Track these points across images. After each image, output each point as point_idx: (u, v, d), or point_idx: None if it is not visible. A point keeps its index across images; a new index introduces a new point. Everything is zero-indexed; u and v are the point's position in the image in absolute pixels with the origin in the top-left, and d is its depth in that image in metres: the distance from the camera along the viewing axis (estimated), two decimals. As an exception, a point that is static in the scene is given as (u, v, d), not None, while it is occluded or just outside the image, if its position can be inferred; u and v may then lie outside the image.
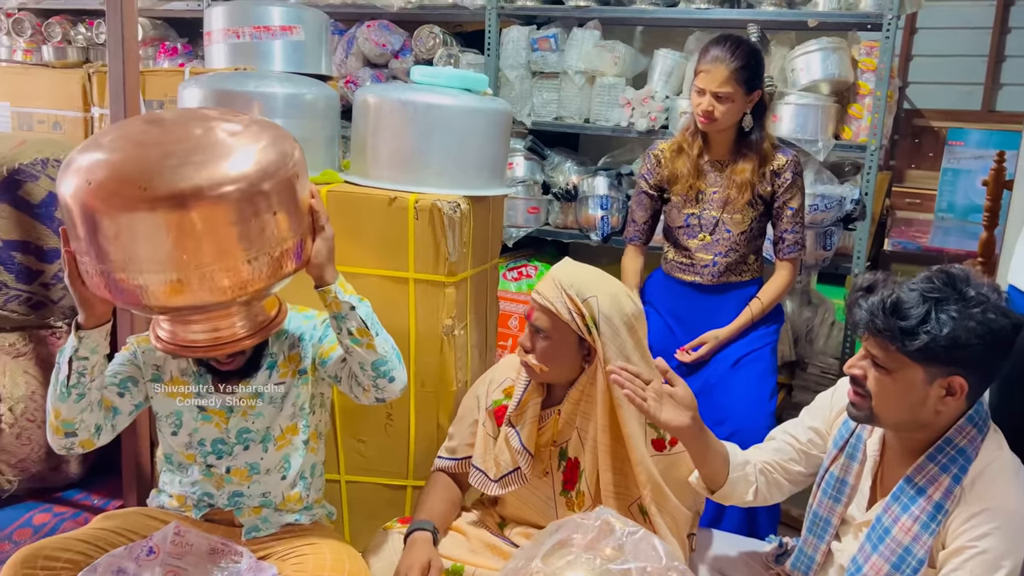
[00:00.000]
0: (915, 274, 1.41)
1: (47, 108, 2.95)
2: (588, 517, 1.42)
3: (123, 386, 1.77)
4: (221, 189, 1.38)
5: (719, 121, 2.24)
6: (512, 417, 1.77)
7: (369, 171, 2.14)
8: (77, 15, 4.23)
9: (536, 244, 3.63)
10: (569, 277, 1.68)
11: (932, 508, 1.39)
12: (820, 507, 1.58)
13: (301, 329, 1.84)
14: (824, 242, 2.92)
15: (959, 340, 1.32)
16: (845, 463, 1.56)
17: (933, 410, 1.38)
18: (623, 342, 1.66)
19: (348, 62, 3.65)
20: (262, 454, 1.80)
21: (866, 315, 1.38)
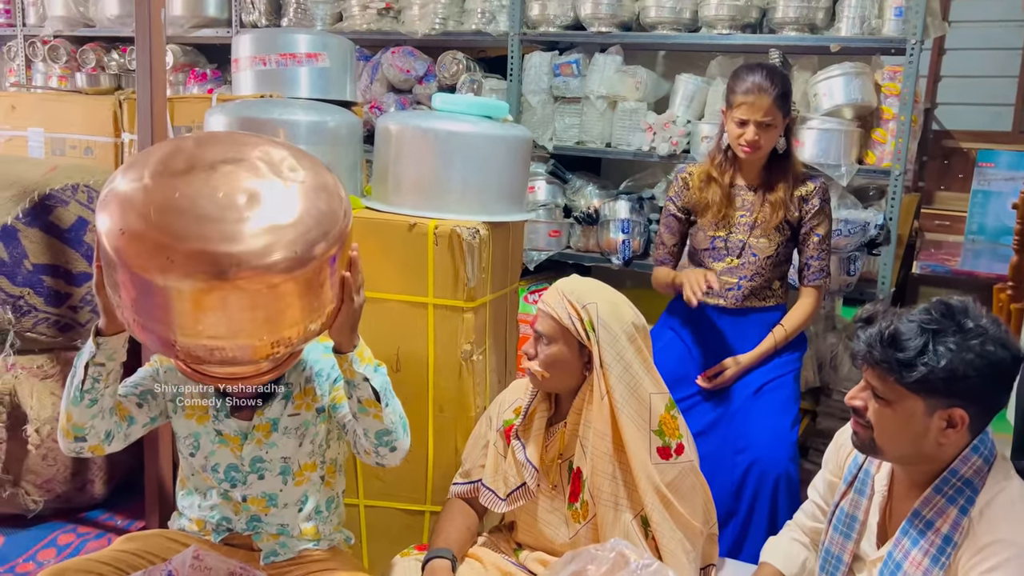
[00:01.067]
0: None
1: (79, 134, 3.02)
2: (603, 549, 1.41)
3: (143, 397, 1.79)
4: (266, 259, 1.29)
5: (763, 148, 2.25)
6: (519, 430, 1.80)
7: (390, 197, 2.17)
8: (111, 42, 4.34)
9: (557, 267, 3.63)
10: (572, 286, 1.76)
11: (941, 541, 1.37)
12: (832, 544, 1.56)
13: (319, 364, 1.83)
14: (848, 267, 2.89)
15: (957, 372, 1.31)
16: (854, 498, 1.54)
17: (935, 442, 1.37)
18: (622, 349, 1.69)
19: (373, 88, 3.70)
20: (281, 486, 1.80)
21: (864, 346, 1.38)
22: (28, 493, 2.29)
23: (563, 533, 1.78)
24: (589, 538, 1.74)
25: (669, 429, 1.72)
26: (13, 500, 2.28)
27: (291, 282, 1.33)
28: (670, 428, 1.72)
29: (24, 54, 4.46)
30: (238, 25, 3.87)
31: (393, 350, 2.10)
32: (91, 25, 4.21)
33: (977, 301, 1.38)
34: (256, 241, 1.31)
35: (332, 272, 1.42)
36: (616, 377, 1.68)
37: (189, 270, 1.27)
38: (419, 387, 2.10)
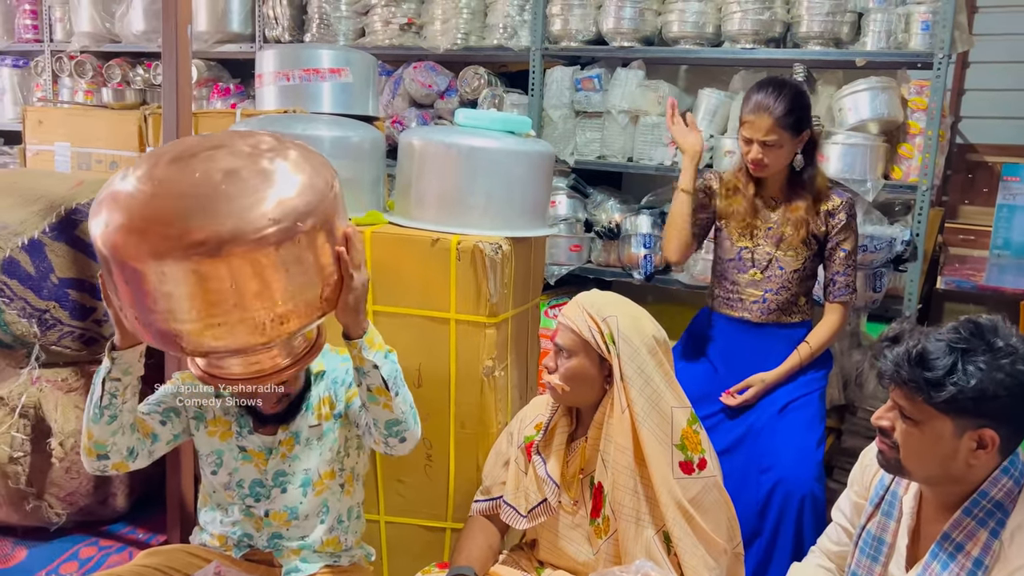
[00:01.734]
0: (966, 314, 1.38)
1: (105, 148, 3.05)
2: (628, 570, 1.39)
3: (166, 415, 1.79)
4: (258, 233, 1.29)
5: (770, 167, 2.24)
6: (540, 446, 1.79)
7: (412, 212, 2.17)
8: (136, 57, 4.40)
9: (578, 282, 3.61)
10: (592, 300, 1.76)
11: (971, 565, 1.34)
12: (859, 567, 1.53)
13: (335, 372, 1.84)
14: (874, 283, 2.86)
15: (987, 392, 1.28)
16: (881, 521, 1.52)
17: (964, 464, 1.34)
18: (643, 362, 1.68)
19: (395, 103, 3.72)
20: (301, 499, 1.80)
21: (891, 366, 1.35)
22: (51, 506, 2.29)
23: (585, 550, 1.76)
24: (611, 554, 1.72)
25: (691, 443, 1.70)
26: (36, 513, 2.28)
27: (280, 255, 1.32)
28: (692, 442, 1.70)
29: (51, 69, 4.52)
30: (261, 40, 3.90)
31: (415, 365, 2.10)
32: (117, 41, 4.26)
33: (1006, 319, 1.36)
34: (241, 216, 1.31)
35: (322, 246, 1.41)
36: (637, 390, 1.67)
37: (175, 251, 1.28)
38: (441, 403, 2.09)
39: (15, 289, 2.22)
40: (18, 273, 2.22)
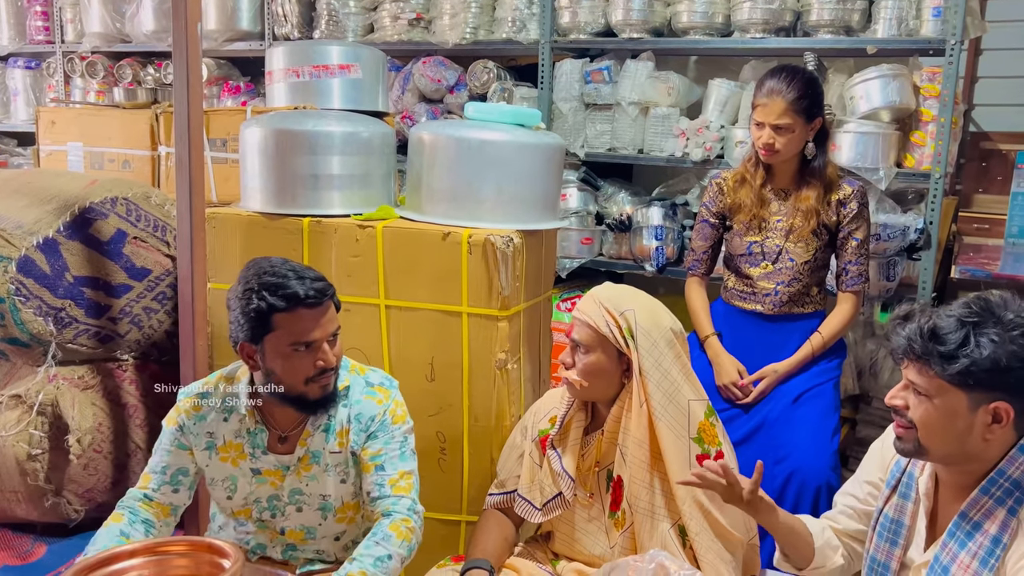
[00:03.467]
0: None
1: (117, 147, 3.07)
2: (642, 560, 1.40)
3: (175, 482, 1.74)
4: None
5: (780, 153, 2.22)
6: (555, 440, 1.78)
7: (424, 207, 2.17)
8: (147, 57, 4.42)
9: (590, 275, 3.61)
10: (608, 294, 1.74)
11: (989, 543, 1.34)
12: (877, 551, 1.53)
13: (360, 406, 1.74)
14: (887, 272, 2.84)
15: (1000, 364, 1.29)
16: (899, 503, 1.51)
17: (980, 439, 1.34)
18: (661, 355, 1.67)
19: (404, 98, 3.72)
20: (320, 521, 1.77)
21: (904, 341, 1.36)
22: (70, 502, 2.32)
23: (602, 542, 1.76)
24: (627, 547, 1.72)
25: (708, 436, 1.70)
26: (55, 509, 2.31)
27: None
28: (709, 435, 1.70)
29: (63, 70, 4.55)
30: (271, 38, 3.91)
31: (427, 359, 2.10)
32: (128, 41, 4.28)
33: (1015, 295, 1.36)
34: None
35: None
36: (655, 384, 1.67)
37: None
38: (454, 396, 2.09)
39: (31, 288, 2.24)
40: (34, 272, 2.24)
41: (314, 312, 1.62)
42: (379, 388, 1.78)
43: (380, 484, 1.70)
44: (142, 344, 2.46)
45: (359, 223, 2.15)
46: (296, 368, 1.63)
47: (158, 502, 1.74)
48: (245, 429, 1.73)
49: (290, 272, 1.62)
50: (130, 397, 2.43)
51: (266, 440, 1.73)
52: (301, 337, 1.61)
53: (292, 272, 1.62)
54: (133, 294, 2.43)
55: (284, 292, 1.59)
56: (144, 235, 2.46)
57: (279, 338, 1.61)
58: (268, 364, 1.64)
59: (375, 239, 2.12)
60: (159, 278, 2.48)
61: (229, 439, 1.74)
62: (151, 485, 1.74)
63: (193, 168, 2.11)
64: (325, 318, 1.64)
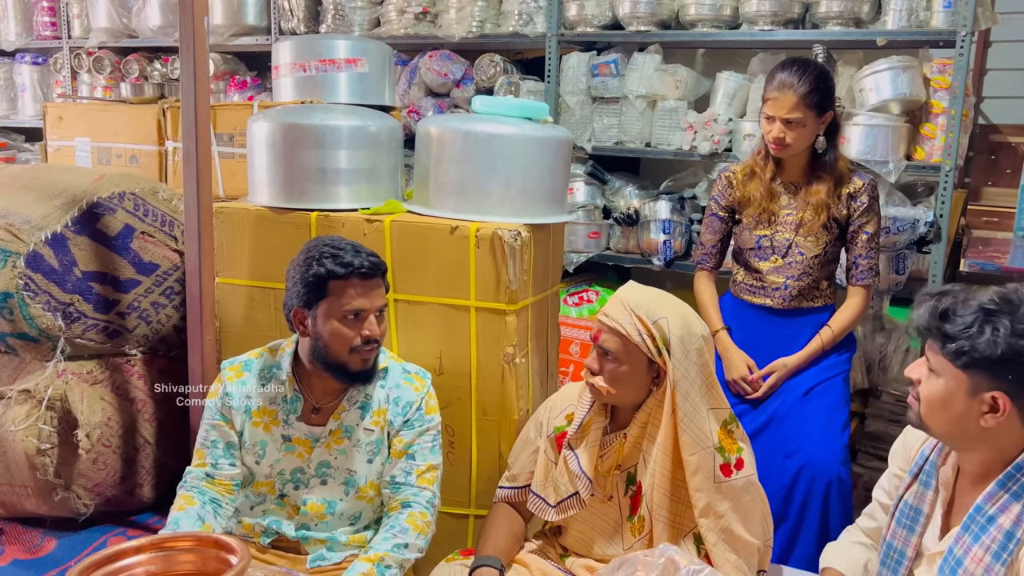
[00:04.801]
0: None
1: (125, 143, 3.07)
2: (652, 554, 1.39)
3: (228, 455, 1.83)
4: None
5: (791, 147, 2.20)
6: (572, 440, 1.75)
7: (431, 200, 2.16)
8: (153, 52, 4.42)
9: (597, 269, 3.61)
10: (638, 299, 1.67)
11: (1003, 537, 1.34)
12: (894, 538, 1.53)
13: (399, 391, 1.87)
14: (897, 266, 2.82)
15: (996, 354, 1.31)
16: (919, 491, 1.52)
17: (976, 425, 1.36)
18: (691, 365, 1.64)
19: (411, 92, 3.71)
20: (342, 496, 1.83)
21: (916, 316, 1.41)
22: (79, 497, 2.32)
23: (615, 544, 1.75)
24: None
25: (728, 444, 1.67)
26: (65, 503, 2.31)
27: None
28: (728, 443, 1.67)
29: (70, 66, 4.55)
30: (277, 32, 3.90)
31: (436, 353, 2.10)
32: (134, 36, 4.28)
33: None
34: None
35: None
36: (683, 395, 1.63)
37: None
38: (462, 391, 2.09)
39: (39, 283, 2.24)
40: (42, 267, 2.25)
41: (366, 284, 1.75)
42: (415, 376, 1.90)
43: (407, 472, 1.82)
44: (150, 339, 2.46)
45: (367, 217, 2.14)
46: (343, 335, 1.74)
47: (220, 479, 1.81)
48: (281, 396, 1.82)
49: (348, 246, 1.78)
50: (139, 392, 2.43)
51: (300, 408, 1.82)
52: (352, 305, 1.74)
53: (351, 246, 1.78)
54: (141, 289, 2.43)
55: (342, 260, 1.73)
56: (152, 230, 2.46)
57: (331, 303, 1.74)
58: (318, 329, 1.75)
59: (383, 233, 2.11)
60: (167, 273, 2.48)
61: (264, 404, 1.83)
62: (208, 460, 1.82)
63: (200, 163, 2.11)
64: (375, 291, 1.77)
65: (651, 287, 1.74)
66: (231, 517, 1.83)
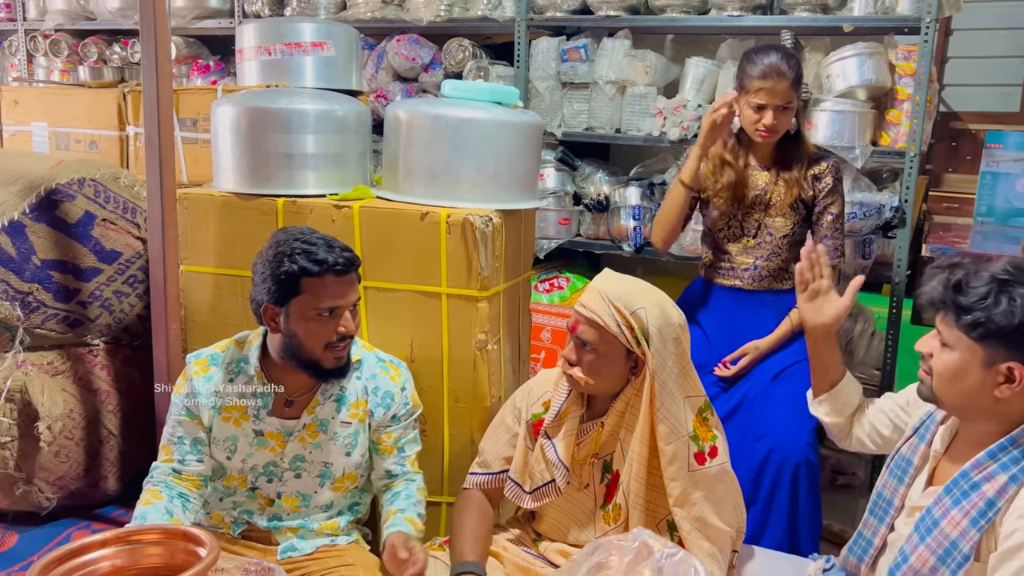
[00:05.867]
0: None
1: (84, 128, 3.00)
2: (626, 538, 1.39)
3: (195, 451, 1.78)
4: None
5: (779, 132, 2.24)
6: (548, 429, 1.74)
7: (401, 186, 2.14)
8: (112, 35, 4.31)
9: (568, 255, 3.61)
10: (616, 289, 1.65)
11: (984, 504, 1.36)
12: (885, 488, 1.57)
13: (376, 381, 1.85)
14: (863, 250, 2.86)
15: (1013, 324, 1.31)
16: (914, 443, 1.56)
17: (990, 396, 1.37)
18: (668, 354, 1.63)
19: (378, 76, 3.66)
20: (317, 488, 1.81)
21: (929, 289, 1.41)
22: (41, 490, 2.28)
23: (589, 531, 1.75)
24: None
25: (702, 432, 1.67)
26: (26, 497, 2.27)
27: None
28: (703, 431, 1.68)
29: (25, 49, 4.42)
30: (240, 15, 3.82)
31: (407, 340, 2.08)
32: (92, 18, 4.17)
33: None
34: None
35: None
36: (660, 384, 1.63)
37: None
38: (434, 377, 2.08)
39: (-4, 272, 2.18)
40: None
41: (340, 280, 1.70)
42: (391, 365, 1.88)
43: (401, 464, 1.86)
44: (113, 328, 2.41)
45: (335, 203, 2.11)
46: (318, 333, 1.70)
47: (187, 475, 1.78)
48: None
49: (320, 240, 1.71)
50: (102, 383, 2.38)
51: (271, 403, 1.78)
52: (326, 303, 1.69)
53: (322, 240, 1.72)
54: (103, 277, 2.37)
55: (315, 258, 1.67)
56: (113, 217, 2.40)
57: (305, 302, 1.69)
58: (291, 326, 1.71)
59: (352, 219, 2.09)
60: (129, 261, 2.43)
61: (234, 399, 1.79)
62: (175, 456, 1.78)
63: (163, 148, 2.06)
64: (350, 288, 1.73)
65: (626, 275, 1.72)
66: (199, 510, 1.80)
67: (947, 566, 1.37)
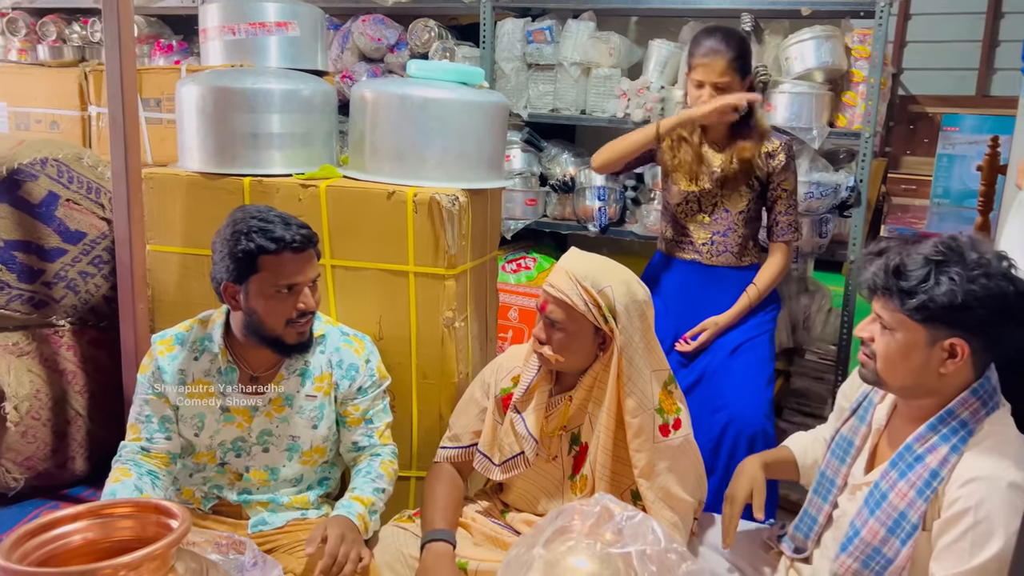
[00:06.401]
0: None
1: (44, 108, 2.96)
2: (588, 503, 1.44)
3: (163, 429, 1.80)
4: None
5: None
6: (518, 403, 1.78)
7: (367, 166, 2.16)
8: (71, 14, 4.22)
9: (534, 236, 3.65)
10: (583, 268, 1.68)
11: (928, 475, 1.41)
12: (827, 467, 1.62)
13: (340, 354, 1.87)
14: (820, 229, 2.94)
15: (956, 302, 1.34)
16: (854, 424, 1.60)
17: (936, 373, 1.41)
18: (634, 330, 1.68)
19: (343, 57, 3.65)
20: (285, 462, 1.83)
21: (870, 276, 1.44)
22: (8, 471, 2.27)
23: (558, 503, 1.79)
24: None
25: (667, 405, 1.73)
26: (-7, 479, 2.27)
27: None
28: (668, 403, 1.73)
29: (-20, 27, 4.32)
30: (203, -5, 3.78)
31: (375, 319, 2.11)
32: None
33: (984, 237, 1.43)
34: None
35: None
36: (627, 359, 1.68)
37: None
38: (402, 355, 2.11)
39: (-41, 252, 2.17)
40: (-39, 236, 2.17)
41: (298, 257, 1.72)
42: (354, 338, 1.91)
43: (368, 435, 1.89)
44: (79, 309, 2.40)
45: (302, 182, 2.13)
46: (277, 310, 1.72)
47: (156, 452, 1.79)
48: (216, 368, 1.80)
49: (277, 218, 1.72)
50: (68, 363, 2.38)
51: (236, 379, 1.80)
52: (285, 280, 1.71)
53: (279, 218, 1.72)
54: (68, 258, 2.36)
55: (272, 235, 1.68)
56: (77, 197, 2.39)
57: (263, 279, 1.70)
58: (251, 304, 1.72)
59: (318, 199, 2.10)
60: (95, 241, 2.42)
61: (199, 377, 1.80)
62: (143, 435, 1.80)
63: (128, 127, 2.06)
64: (308, 264, 1.74)
65: (592, 254, 1.76)
66: (169, 487, 1.82)
67: (896, 536, 1.42)
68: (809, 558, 1.64)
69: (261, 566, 1.66)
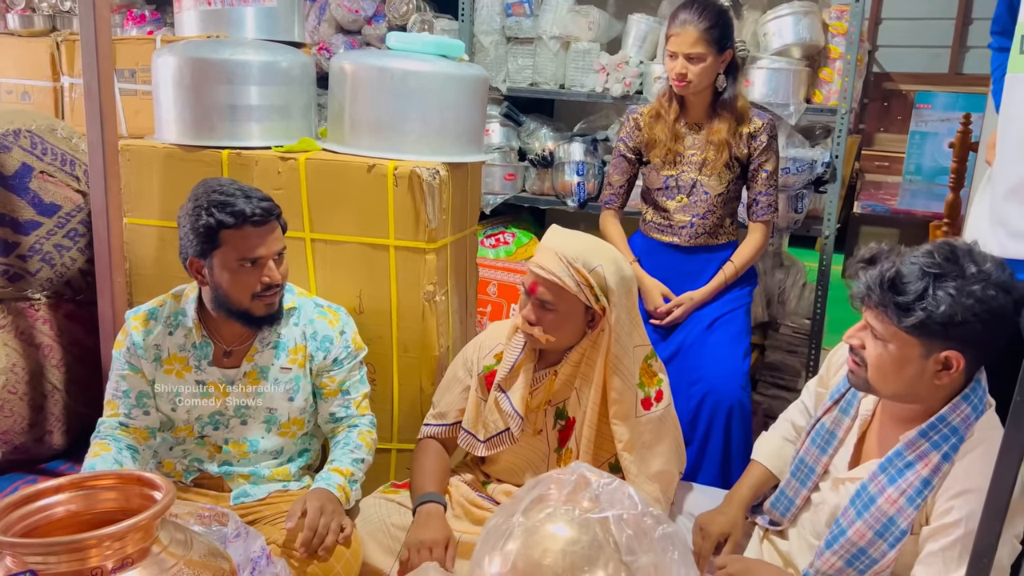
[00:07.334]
0: (885, 236, 1.43)
1: (15, 78, 2.90)
2: (564, 472, 1.46)
3: (141, 404, 1.81)
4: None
5: (694, 83, 2.28)
6: (502, 382, 1.79)
7: (347, 139, 2.15)
8: (40, -19, 4.12)
9: (513, 211, 3.65)
10: (572, 248, 1.67)
11: (919, 483, 1.40)
12: (807, 455, 1.62)
13: (314, 326, 1.87)
14: (795, 205, 2.97)
15: (955, 317, 1.31)
16: (837, 416, 1.59)
17: (930, 384, 1.39)
18: (622, 308, 1.70)
19: (321, 29, 3.61)
20: (264, 434, 1.84)
21: (864, 288, 1.39)
22: (-15, 445, 2.26)
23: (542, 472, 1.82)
24: None
25: (648, 378, 1.76)
26: (-31, 453, 2.25)
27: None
28: (648, 376, 1.76)
29: (-55, -5, 4.21)
30: (176, -37, 3.71)
31: (355, 292, 2.11)
32: (17, -37, 3.98)
33: (976, 245, 1.38)
34: None
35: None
36: (615, 337, 1.70)
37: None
38: (383, 329, 2.12)
39: (-70, 225, 2.13)
40: (-67, 208, 2.14)
41: (260, 230, 1.70)
42: (328, 309, 1.91)
43: (346, 406, 1.89)
44: (55, 283, 2.38)
45: (281, 155, 2.11)
46: (243, 283, 1.71)
47: (134, 427, 1.80)
48: (191, 343, 1.80)
49: (237, 191, 1.70)
50: (44, 337, 2.36)
51: (211, 353, 1.81)
52: (247, 253, 1.69)
53: (239, 191, 1.70)
54: (43, 231, 2.33)
55: (232, 209, 1.66)
56: (52, 169, 2.36)
57: (226, 254, 1.69)
58: (216, 279, 1.72)
59: (298, 172, 2.09)
60: (70, 214, 2.39)
61: (174, 352, 1.80)
62: (121, 410, 1.80)
63: (104, 98, 2.03)
64: (271, 236, 1.73)
65: (576, 232, 1.75)
66: (149, 461, 1.82)
67: (884, 539, 1.42)
68: (784, 533, 1.67)
69: (244, 537, 1.67)
